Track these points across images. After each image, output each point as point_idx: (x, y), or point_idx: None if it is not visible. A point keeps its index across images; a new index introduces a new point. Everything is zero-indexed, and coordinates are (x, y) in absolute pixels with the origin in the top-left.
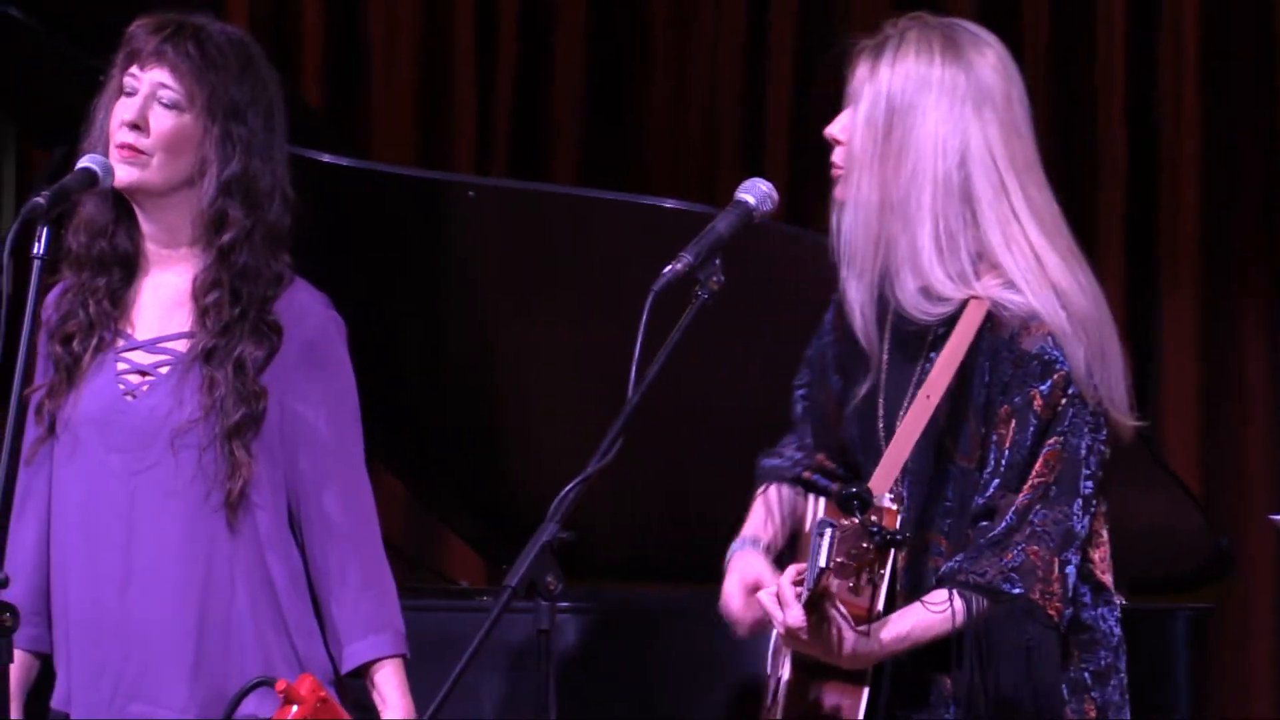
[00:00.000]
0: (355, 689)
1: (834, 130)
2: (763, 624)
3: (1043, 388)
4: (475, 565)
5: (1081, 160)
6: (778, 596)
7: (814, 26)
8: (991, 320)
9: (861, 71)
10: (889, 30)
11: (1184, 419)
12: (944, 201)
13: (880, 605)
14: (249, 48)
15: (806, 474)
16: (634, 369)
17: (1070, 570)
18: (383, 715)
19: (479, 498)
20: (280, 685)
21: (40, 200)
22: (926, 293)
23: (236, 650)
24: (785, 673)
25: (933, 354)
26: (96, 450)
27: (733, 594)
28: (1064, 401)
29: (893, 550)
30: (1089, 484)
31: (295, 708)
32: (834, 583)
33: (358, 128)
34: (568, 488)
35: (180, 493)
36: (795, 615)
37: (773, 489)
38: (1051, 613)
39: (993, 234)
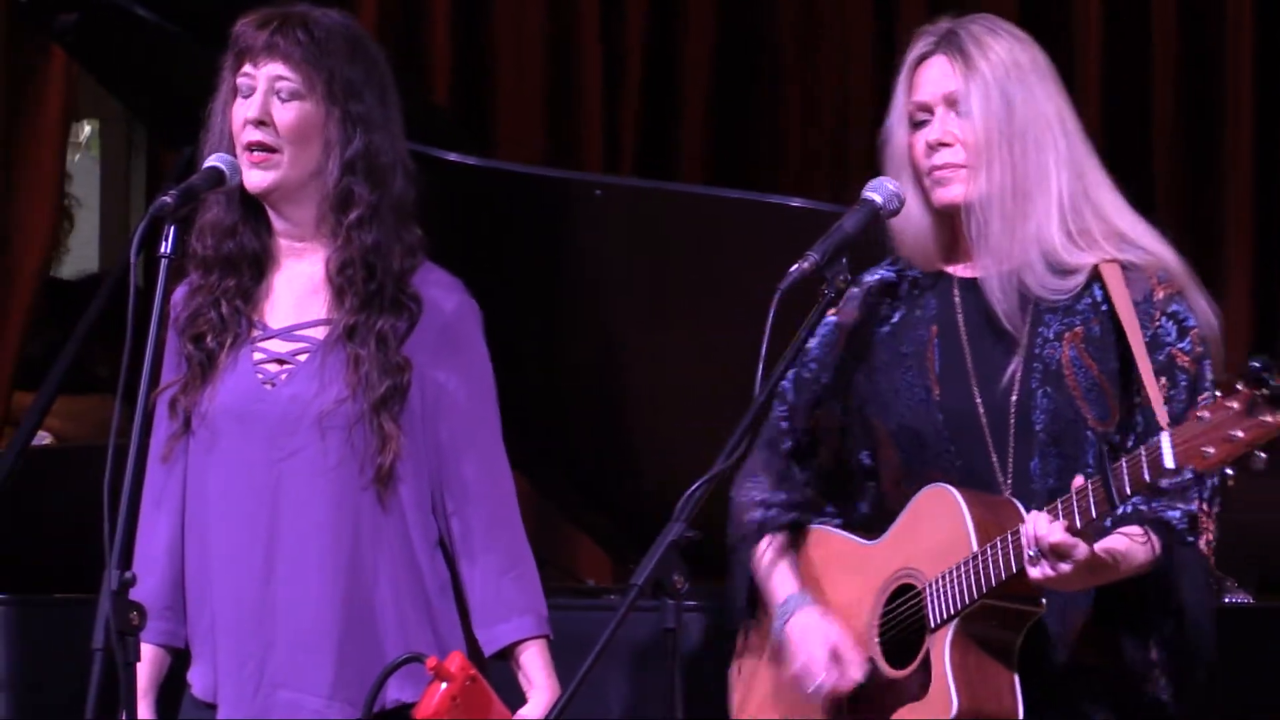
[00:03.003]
0: (493, 669)
1: (949, 132)
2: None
3: (1183, 345)
4: (602, 563)
5: (1210, 130)
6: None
7: None
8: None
9: (951, 70)
10: (941, 29)
11: None
12: (1067, 175)
13: None
14: (353, 27)
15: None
16: (760, 368)
17: (1215, 524)
18: (528, 695)
19: (606, 496)
20: (431, 663)
21: (168, 199)
22: (1055, 269)
23: (379, 631)
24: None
25: (1041, 328)
26: (237, 442)
27: (819, 662)
28: (1201, 354)
29: None
30: None
31: (444, 685)
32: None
33: (485, 127)
34: (694, 486)
35: (328, 474)
36: (1083, 550)
37: (780, 538)
38: (1210, 564)
39: (1103, 198)
